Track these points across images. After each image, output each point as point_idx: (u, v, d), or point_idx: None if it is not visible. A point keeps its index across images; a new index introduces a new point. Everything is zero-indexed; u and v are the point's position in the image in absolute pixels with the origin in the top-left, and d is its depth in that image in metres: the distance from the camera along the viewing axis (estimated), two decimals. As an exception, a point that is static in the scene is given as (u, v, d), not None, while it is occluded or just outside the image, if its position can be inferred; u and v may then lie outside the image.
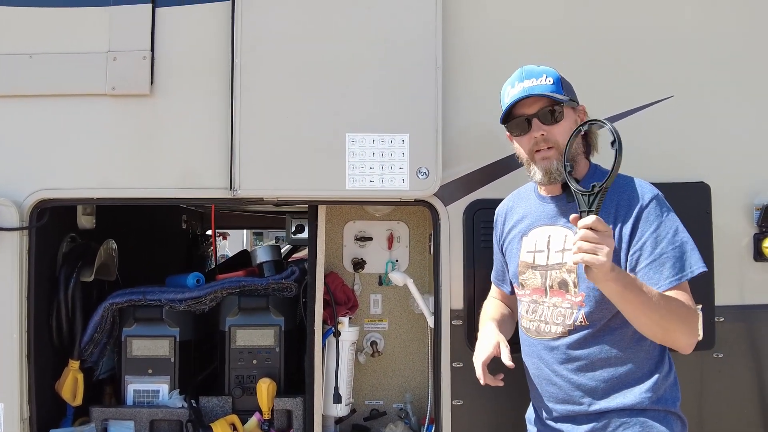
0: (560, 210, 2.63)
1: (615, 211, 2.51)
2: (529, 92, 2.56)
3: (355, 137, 3.16)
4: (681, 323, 2.37)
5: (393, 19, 3.20)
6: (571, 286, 2.54)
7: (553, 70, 2.63)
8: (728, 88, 3.33)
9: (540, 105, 2.57)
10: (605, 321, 2.50)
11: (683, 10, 3.36)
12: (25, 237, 3.15)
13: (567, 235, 2.56)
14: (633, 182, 2.58)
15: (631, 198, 2.52)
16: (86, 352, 3.44)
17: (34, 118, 3.21)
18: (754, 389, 3.28)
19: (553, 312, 2.58)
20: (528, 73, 2.60)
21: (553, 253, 2.60)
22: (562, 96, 2.57)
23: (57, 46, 3.23)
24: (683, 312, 2.36)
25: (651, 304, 2.30)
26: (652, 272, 2.43)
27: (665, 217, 2.48)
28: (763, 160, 3.33)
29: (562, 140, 2.55)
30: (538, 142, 2.58)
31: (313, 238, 3.33)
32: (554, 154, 2.56)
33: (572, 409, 2.58)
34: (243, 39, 3.16)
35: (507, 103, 2.62)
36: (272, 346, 3.48)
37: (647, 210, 2.48)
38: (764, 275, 3.29)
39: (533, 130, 2.58)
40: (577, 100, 2.66)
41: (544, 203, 2.70)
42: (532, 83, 2.57)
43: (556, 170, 2.55)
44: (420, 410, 3.60)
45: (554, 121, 2.57)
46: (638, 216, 2.48)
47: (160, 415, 3.36)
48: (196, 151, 3.21)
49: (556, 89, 2.57)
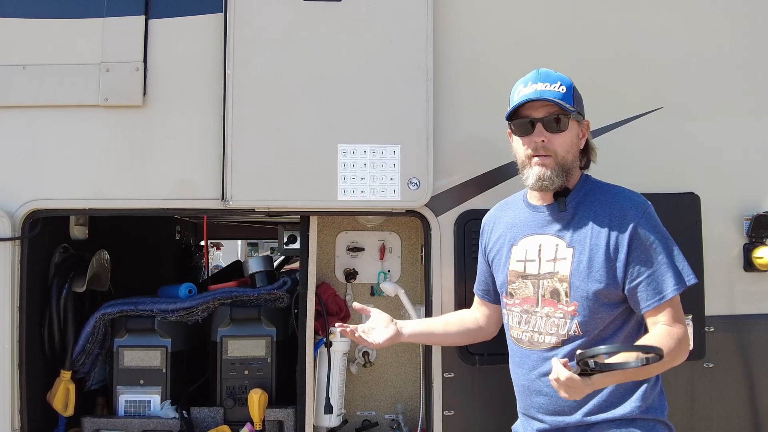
0: (552, 218, 2.63)
1: (608, 221, 2.52)
2: (540, 96, 2.54)
3: (347, 148, 3.17)
4: (673, 358, 2.43)
5: (384, 31, 3.23)
6: (563, 295, 2.54)
7: (568, 78, 2.62)
8: (717, 100, 3.36)
9: (547, 111, 2.56)
10: (598, 330, 2.52)
11: (673, 22, 3.39)
12: (17, 247, 3.16)
13: (558, 244, 2.57)
14: (624, 193, 2.61)
15: (623, 209, 2.53)
16: (78, 362, 3.43)
17: (27, 129, 3.22)
18: (744, 399, 3.29)
19: (547, 322, 2.58)
20: (543, 76, 2.59)
21: (545, 262, 2.60)
22: (571, 107, 2.56)
23: (50, 57, 3.24)
24: (673, 346, 2.40)
25: (641, 369, 2.35)
26: (645, 289, 2.47)
27: (656, 232, 2.50)
28: (753, 171, 3.36)
29: (561, 150, 2.56)
30: (537, 147, 2.56)
31: (305, 249, 3.33)
32: (551, 163, 2.56)
33: (562, 420, 2.58)
34: (235, 51, 3.18)
35: (516, 101, 2.60)
36: (264, 356, 3.47)
37: (640, 225, 2.49)
38: (754, 285, 3.31)
39: (535, 134, 2.56)
40: (583, 114, 2.66)
41: (534, 212, 2.70)
42: (545, 87, 2.56)
43: (549, 178, 2.55)
44: (412, 421, 3.59)
45: (558, 129, 2.56)
46: (633, 231, 2.49)
47: (151, 426, 3.35)
48: (188, 162, 3.22)
49: (567, 98, 2.56)
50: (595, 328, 2.51)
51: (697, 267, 3.13)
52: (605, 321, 2.51)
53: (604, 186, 2.67)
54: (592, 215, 2.57)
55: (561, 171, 2.57)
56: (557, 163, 2.56)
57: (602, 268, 2.51)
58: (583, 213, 2.59)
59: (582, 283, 2.52)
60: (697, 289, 3.12)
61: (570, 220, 2.60)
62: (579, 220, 2.59)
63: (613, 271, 2.50)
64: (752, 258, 3.26)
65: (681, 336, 2.44)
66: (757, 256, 3.24)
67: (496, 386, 3.07)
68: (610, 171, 2.81)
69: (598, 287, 2.50)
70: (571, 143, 2.59)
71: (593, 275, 2.51)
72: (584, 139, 2.67)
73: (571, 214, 2.61)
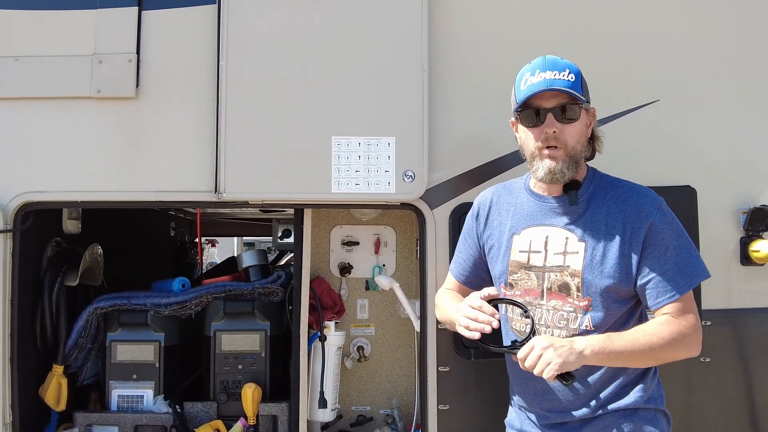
0: (562, 210, 2.56)
1: (623, 218, 2.48)
2: (551, 85, 2.44)
3: (341, 140, 3.15)
4: (674, 349, 2.41)
5: (379, 23, 3.21)
6: (574, 290, 2.49)
7: (575, 65, 2.52)
8: (715, 92, 3.35)
9: (558, 100, 2.46)
10: (609, 325, 2.48)
11: (671, 14, 3.38)
12: (9, 240, 3.14)
13: (568, 237, 2.52)
14: (638, 189, 2.56)
15: (638, 205, 2.48)
16: (71, 357, 3.42)
17: (20, 121, 3.20)
18: (741, 393, 3.27)
19: (554, 315, 2.52)
20: (551, 64, 2.48)
21: (552, 255, 2.54)
22: (581, 96, 2.48)
23: (43, 49, 3.22)
24: (675, 338, 2.39)
25: (637, 353, 2.36)
26: (660, 284, 2.44)
27: (671, 230, 2.47)
28: (750, 164, 3.34)
29: (571, 141, 2.48)
30: (548, 138, 2.47)
31: (299, 242, 3.31)
32: (561, 155, 2.47)
33: (568, 415, 2.54)
34: (229, 42, 3.16)
35: (525, 92, 2.48)
36: (258, 351, 3.46)
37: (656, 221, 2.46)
38: (751, 279, 3.30)
39: (546, 124, 2.46)
40: (590, 101, 2.57)
41: (540, 202, 2.61)
42: (555, 76, 2.45)
43: (560, 171, 2.47)
44: (407, 416, 3.58)
45: (569, 120, 2.47)
46: (649, 227, 2.45)
47: (144, 421, 3.33)
48: (181, 154, 3.20)
49: (576, 87, 2.47)
50: (607, 324, 2.47)
51: (693, 260, 3.14)
52: (616, 316, 2.48)
53: (614, 180, 2.61)
54: (605, 210, 2.51)
55: (571, 162, 2.49)
56: (567, 155, 2.48)
57: (616, 264, 2.46)
58: (595, 208, 2.53)
59: (595, 278, 2.47)
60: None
61: (582, 214, 2.54)
62: (591, 215, 2.53)
63: (626, 267, 2.45)
64: (749, 251, 3.25)
65: (684, 328, 2.41)
66: (754, 249, 3.23)
67: (491, 380, 3.06)
68: (607, 164, 2.79)
69: (611, 283, 2.46)
70: (581, 133, 2.52)
71: (607, 271, 2.46)
72: (591, 127, 2.59)
73: (583, 208, 2.54)
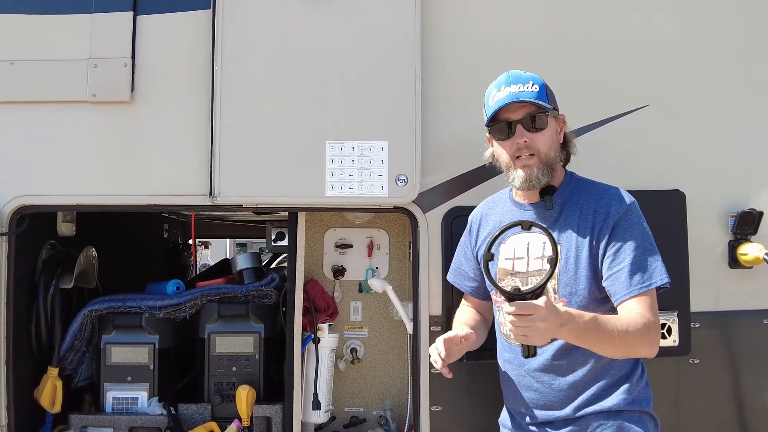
0: (539, 216, 2.65)
1: (592, 218, 2.56)
2: (516, 98, 2.57)
3: (335, 144, 3.18)
4: (638, 343, 2.43)
5: (373, 28, 3.23)
6: (552, 292, 2.56)
7: (539, 77, 2.65)
8: (703, 97, 3.38)
9: (525, 111, 2.59)
10: None
11: (660, 21, 3.41)
12: (4, 243, 3.14)
13: (545, 242, 2.58)
14: (610, 190, 2.63)
15: (608, 206, 2.56)
16: (65, 359, 3.42)
17: (15, 125, 3.21)
18: (729, 394, 3.31)
19: None
20: (515, 78, 2.62)
21: (533, 260, 2.63)
22: (547, 104, 2.60)
23: (38, 53, 3.23)
24: (639, 331, 2.40)
25: (606, 338, 2.36)
26: (618, 281, 2.48)
27: (636, 227, 2.53)
28: (738, 168, 3.38)
29: (543, 148, 2.59)
30: (520, 148, 2.60)
31: (293, 245, 3.33)
32: (535, 162, 2.59)
33: (552, 414, 2.60)
34: (223, 47, 3.18)
35: (493, 107, 2.63)
36: (252, 353, 3.48)
37: (621, 219, 2.53)
38: (739, 282, 3.33)
39: (516, 135, 2.60)
40: (558, 109, 2.69)
41: (521, 210, 2.73)
42: (519, 89, 2.59)
43: (536, 178, 2.58)
44: (400, 417, 3.60)
45: (538, 128, 2.59)
46: (614, 225, 2.52)
47: (138, 423, 3.34)
48: (176, 158, 3.22)
49: (541, 97, 2.60)
50: None
51: (682, 263, 3.19)
52: None
53: (589, 183, 2.70)
54: (578, 213, 2.60)
55: (546, 168, 2.60)
56: (541, 161, 2.59)
57: (588, 264, 2.54)
58: (569, 211, 2.63)
59: (570, 279, 2.56)
60: (682, 286, 3.16)
61: (557, 218, 2.64)
62: (565, 218, 2.62)
63: (597, 266, 2.53)
64: (737, 254, 3.28)
65: (641, 323, 2.41)
66: (742, 252, 3.26)
67: (483, 381, 3.09)
68: (596, 168, 2.84)
69: (585, 284, 2.54)
70: (552, 139, 2.63)
71: (580, 272, 2.55)
72: (562, 133, 2.70)
73: (558, 212, 2.64)
